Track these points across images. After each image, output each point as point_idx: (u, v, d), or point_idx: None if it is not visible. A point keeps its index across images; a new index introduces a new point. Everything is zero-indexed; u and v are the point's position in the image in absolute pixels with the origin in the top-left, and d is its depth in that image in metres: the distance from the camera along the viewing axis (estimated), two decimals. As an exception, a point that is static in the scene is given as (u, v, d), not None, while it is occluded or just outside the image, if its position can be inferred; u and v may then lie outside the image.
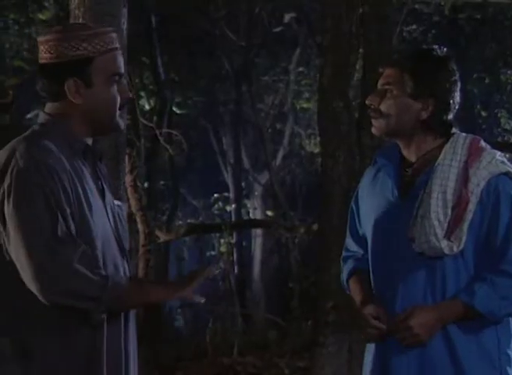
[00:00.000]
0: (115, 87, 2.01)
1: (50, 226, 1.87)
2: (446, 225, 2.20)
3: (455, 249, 2.21)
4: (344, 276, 2.46)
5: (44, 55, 1.99)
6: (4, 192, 1.90)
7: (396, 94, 2.26)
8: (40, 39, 2.02)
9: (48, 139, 1.96)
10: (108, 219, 2.03)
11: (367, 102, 2.30)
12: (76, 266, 1.86)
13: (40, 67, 2.01)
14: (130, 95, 2.07)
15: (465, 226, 2.20)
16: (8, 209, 1.89)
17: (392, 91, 2.26)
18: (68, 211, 1.90)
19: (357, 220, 2.44)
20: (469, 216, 2.21)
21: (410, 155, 2.31)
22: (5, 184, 1.90)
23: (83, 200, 1.94)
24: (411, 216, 2.24)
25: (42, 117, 2.03)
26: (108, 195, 2.06)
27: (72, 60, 1.96)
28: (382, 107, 2.27)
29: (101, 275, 1.88)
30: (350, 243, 2.47)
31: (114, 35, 2.03)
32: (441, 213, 2.21)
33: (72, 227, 1.90)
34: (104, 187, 2.05)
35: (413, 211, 2.24)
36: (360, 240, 2.43)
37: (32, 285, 1.86)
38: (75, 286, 1.86)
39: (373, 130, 2.33)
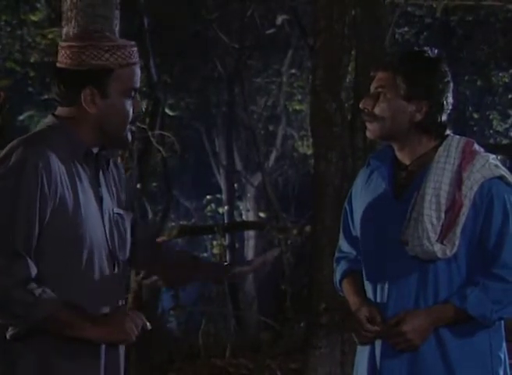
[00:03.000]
0: (129, 101, 2.02)
1: (7, 229, 1.87)
2: (439, 228, 2.20)
3: (448, 253, 2.20)
4: (337, 277, 2.46)
5: (63, 60, 2.00)
6: None
7: (390, 97, 2.26)
8: (62, 44, 2.02)
9: (48, 142, 1.97)
10: (104, 227, 2.02)
11: (360, 106, 2.30)
12: (6, 279, 1.85)
13: (58, 71, 2.01)
14: (143, 110, 2.08)
15: (458, 229, 2.20)
16: None
17: (386, 94, 2.26)
18: (35, 217, 1.90)
19: (350, 221, 2.44)
20: (462, 219, 2.20)
21: (405, 157, 2.31)
22: None
23: (71, 205, 1.94)
24: (405, 218, 2.24)
25: (50, 119, 2.05)
26: (107, 202, 2.05)
27: (92, 69, 1.97)
28: (376, 110, 2.27)
29: (32, 294, 1.86)
30: (343, 244, 2.47)
31: (135, 49, 2.04)
32: (434, 216, 2.20)
33: (32, 236, 1.90)
34: (103, 193, 2.04)
35: (406, 213, 2.24)
36: (354, 241, 2.43)
37: None
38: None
39: (368, 134, 2.33)
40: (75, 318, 1.91)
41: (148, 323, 1.98)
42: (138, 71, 2.04)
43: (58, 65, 2.01)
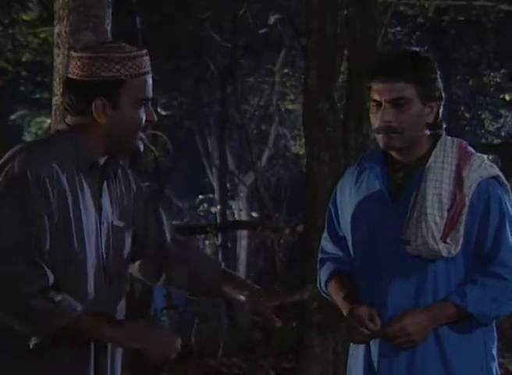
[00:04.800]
0: (141, 111, 2.01)
1: (17, 238, 1.85)
2: (442, 227, 2.21)
3: (453, 251, 2.21)
4: (322, 278, 2.43)
5: (74, 71, 1.98)
6: None
7: (413, 107, 2.24)
8: (73, 54, 2.01)
9: (52, 150, 1.96)
10: (100, 239, 2.00)
11: (380, 122, 2.23)
12: (26, 289, 1.84)
13: (69, 81, 2.00)
14: (155, 118, 2.05)
15: (462, 228, 2.21)
16: None
17: (408, 104, 2.23)
18: (45, 226, 1.89)
19: (335, 222, 2.42)
20: (464, 218, 2.22)
21: (405, 158, 2.30)
22: None
23: (72, 215, 1.93)
24: (403, 218, 2.24)
25: (61, 126, 2.03)
26: (107, 214, 2.02)
27: (103, 80, 1.96)
28: (400, 122, 2.24)
29: (53, 302, 1.85)
30: (327, 245, 2.45)
31: (147, 58, 2.02)
32: (437, 215, 2.21)
33: (44, 245, 1.88)
34: (104, 204, 2.02)
35: (405, 213, 2.24)
36: (340, 242, 2.41)
37: None
38: (18, 308, 1.84)
39: (385, 146, 2.27)
40: (95, 323, 1.89)
41: (178, 345, 1.96)
42: (150, 80, 2.02)
43: (69, 75, 2.00)
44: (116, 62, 1.96)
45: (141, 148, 2.04)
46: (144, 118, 2.01)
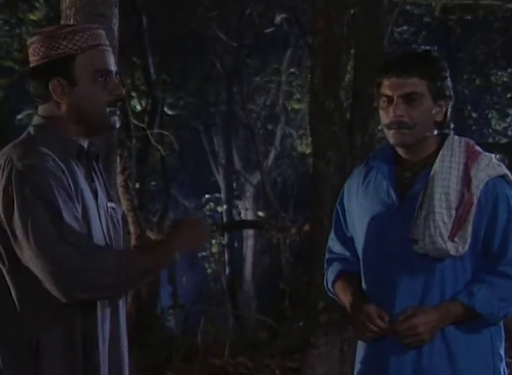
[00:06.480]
0: (100, 85, 1.98)
1: (54, 229, 1.85)
2: (450, 226, 2.21)
3: (461, 250, 2.22)
4: (329, 278, 2.44)
5: (31, 59, 2.00)
6: (1, 195, 1.88)
7: (424, 104, 2.25)
8: (27, 44, 2.02)
9: (41, 142, 1.95)
10: (100, 221, 2.01)
11: (394, 118, 2.24)
12: (86, 263, 1.85)
13: (29, 71, 2.01)
14: (123, 92, 2.01)
15: (469, 227, 2.22)
16: (12, 214, 1.87)
17: (420, 99, 2.24)
18: (72, 207, 1.90)
19: (342, 222, 2.42)
20: (472, 217, 2.22)
21: (412, 157, 2.31)
22: (1, 187, 1.88)
23: (81, 201, 1.95)
24: (411, 217, 2.24)
25: (36, 119, 2.02)
26: (101, 197, 2.04)
27: (55, 60, 1.95)
28: (412, 117, 2.24)
29: (110, 256, 1.89)
30: (334, 245, 2.45)
31: (97, 31, 2.00)
32: (445, 214, 2.22)
33: (78, 224, 1.90)
34: (97, 188, 2.04)
35: (412, 212, 2.24)
36: (347, 242, 2.41)
37: (51, 289, 1.86)
38: (90, 282, 1.86)
39: (396, 142, 2.27)
40: (157, 255, 1.96)
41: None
42: (105, 52, 1.99)
43: (30, 65, 2.01)
44: (63, 39, 1.95)
45: (116, 123, 2.01)
46: (105, 92, 1.98)
